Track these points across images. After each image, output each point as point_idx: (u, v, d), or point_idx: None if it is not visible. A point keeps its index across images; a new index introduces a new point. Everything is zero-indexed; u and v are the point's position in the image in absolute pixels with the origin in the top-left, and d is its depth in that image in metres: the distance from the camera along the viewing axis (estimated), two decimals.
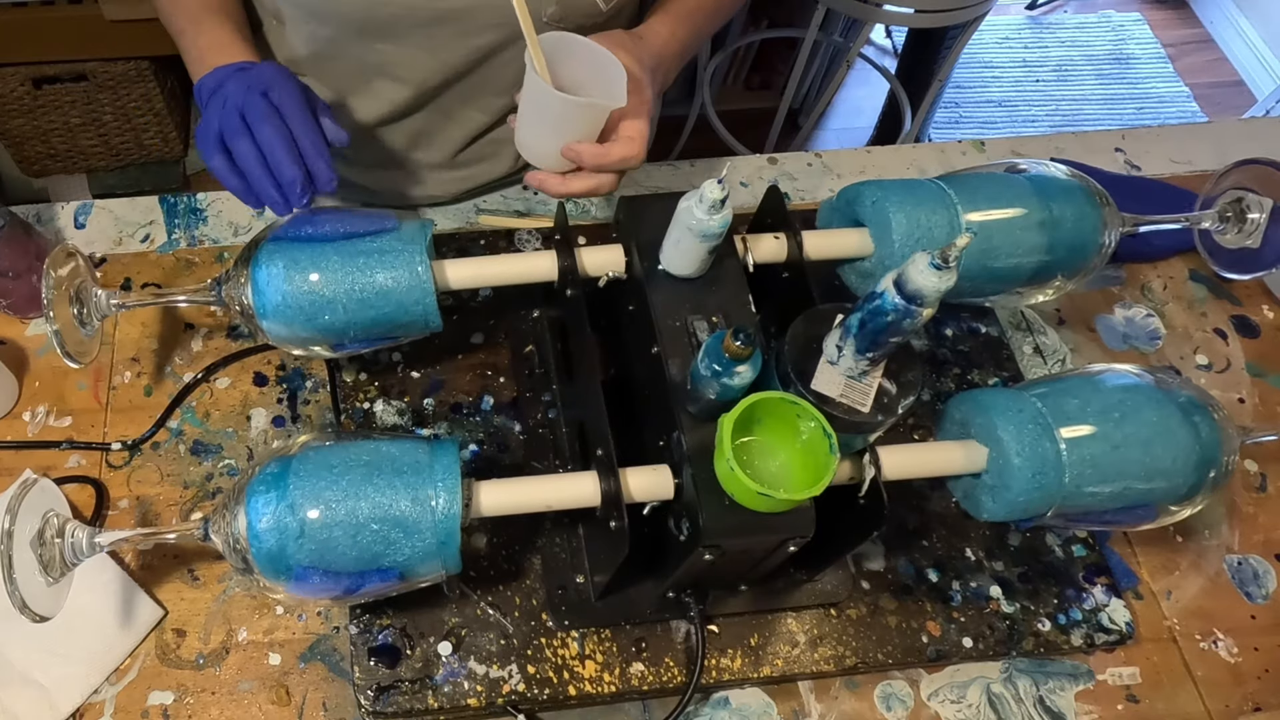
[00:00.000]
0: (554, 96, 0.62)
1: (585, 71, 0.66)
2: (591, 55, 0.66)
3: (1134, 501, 0.62)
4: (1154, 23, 2.70)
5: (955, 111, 2.45)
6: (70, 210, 0.86)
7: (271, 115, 0.62)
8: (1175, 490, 0.62)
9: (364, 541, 0.54)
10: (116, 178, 1.81)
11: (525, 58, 0.63)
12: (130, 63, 1.59)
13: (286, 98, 0.63)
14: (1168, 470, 0.61)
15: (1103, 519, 0.65)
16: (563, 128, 0.65)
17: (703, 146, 1.96)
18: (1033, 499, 0.60)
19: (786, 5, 2.06)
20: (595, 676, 0.64)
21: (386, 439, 0.58)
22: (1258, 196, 0.77)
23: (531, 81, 0.64)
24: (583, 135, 0.66)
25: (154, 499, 0.72)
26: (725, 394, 0.53)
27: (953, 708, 0.68)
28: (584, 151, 0.65)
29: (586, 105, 0.64)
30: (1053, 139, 0.99)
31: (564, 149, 0.66)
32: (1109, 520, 0.65)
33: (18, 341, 0.78)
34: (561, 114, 0.64)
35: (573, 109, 0.64)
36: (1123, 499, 0.62)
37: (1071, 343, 0.85)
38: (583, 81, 0.66)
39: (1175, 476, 0.61)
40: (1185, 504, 0.63)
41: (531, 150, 0.68)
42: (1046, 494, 0.60)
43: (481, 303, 0.80)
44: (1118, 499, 0.61)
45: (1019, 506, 0.61)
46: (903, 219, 0.65)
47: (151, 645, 0.66)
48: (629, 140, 0.66)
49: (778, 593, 0.67)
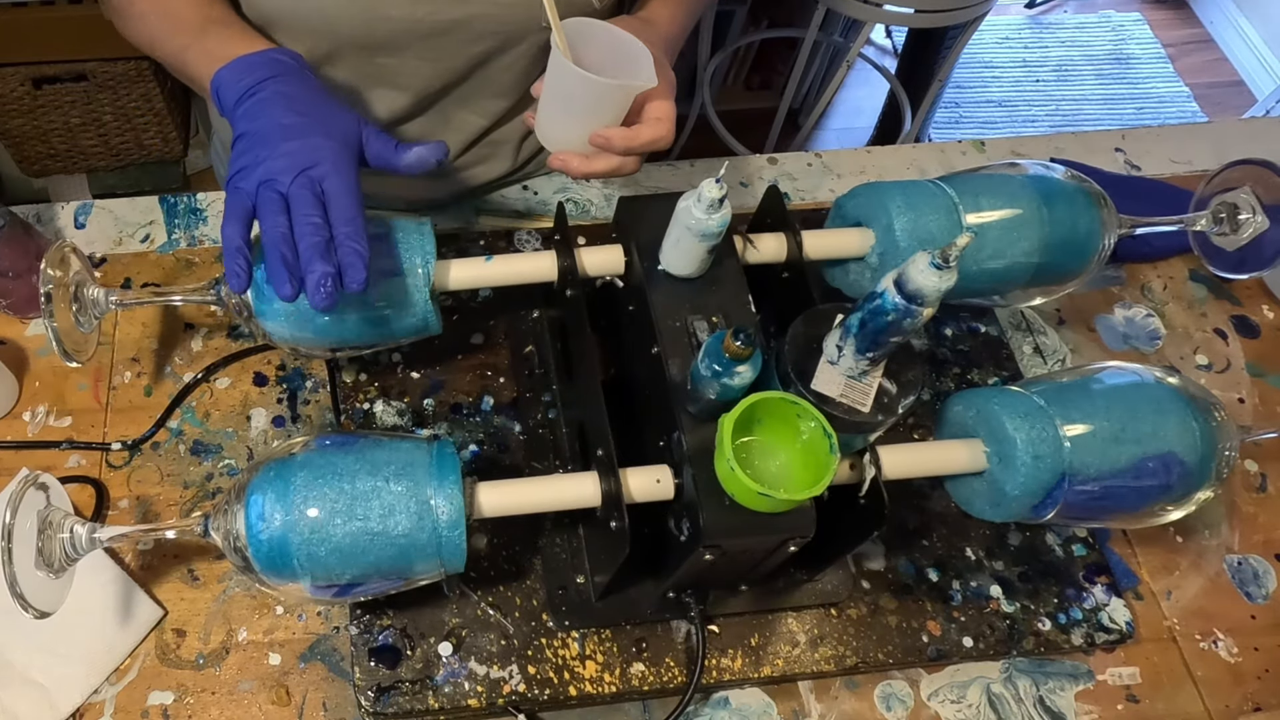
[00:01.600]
0: (586, 80, 0.60)
1: (606, 56, 0.65)
2: (612, 39, 0.64)
3: (1133, 499, 0.62)
4: (1154, 23, 2.70)
5: (955, 111, 2.45)
6: (70, 210, 0.86)
7: (316, 207, 0.55)
8: (1173, 488, 0.62)
9: (363, 541, 0.54)
10: (116, 178, 1.81)
11: (551, 42, 0.61)
12: (130, 63, 1.59)
13: (338, 181, 0.56)
14: (1166, 468, 0.61)
15: (1102, 517, 0.65)
16: (591, 112, 0.63)
17: (703, 146, 1.96)
18: (1035, 497, 0.60)
19: (786, 5, 2.06)
20: (596, 677, 0.64)
21: (387, 438, 0.58)
22: (1250, 197, 0.77)
23: (558, 67, 0.62)
24: (611, 119, 0.64)
25: (154, 499, 0.72)
26: (725, 394, 0.53)
27: (953, 708, 0.68)
28: (613, 135, 0.63)
29: (618, 87, 0.62)
30: (1053, 139, 0.99)
31: (592, 135, 0.64)
32: (1108, 519, 0.65)
33: (18, 341, 0.78)
34: (592, 98, 0.62)
35: (604, 91, 0.62)
36: (1122, 496, 0.62)
37: (1071, 343, 0.85)
38: (604, 66, 0.64)
39: (1174, 473, 0.61)
40: (1184, 502, 0.63)
41: (556, 139, 0.66)
42: (1048, 492, 0.60)
43: (481, 303, 0.80)
44: (1118, 496, 0.61)
45: (1021, 505, 0.61)
46: (905, 220, 0.65)
47: (151, 645, 0.66)
48: (657, 121, 0.64)
49: (778, 593, 0.67)
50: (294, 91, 0.61)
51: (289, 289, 0.53)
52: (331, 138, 0.58)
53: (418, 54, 0.76)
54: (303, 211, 0.54)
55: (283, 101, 0.59)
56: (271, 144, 0.57)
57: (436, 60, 0.77)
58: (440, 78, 0.79)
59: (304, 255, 0.54)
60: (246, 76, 0.61)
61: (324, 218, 0.55)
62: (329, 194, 0.56)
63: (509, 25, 0.74)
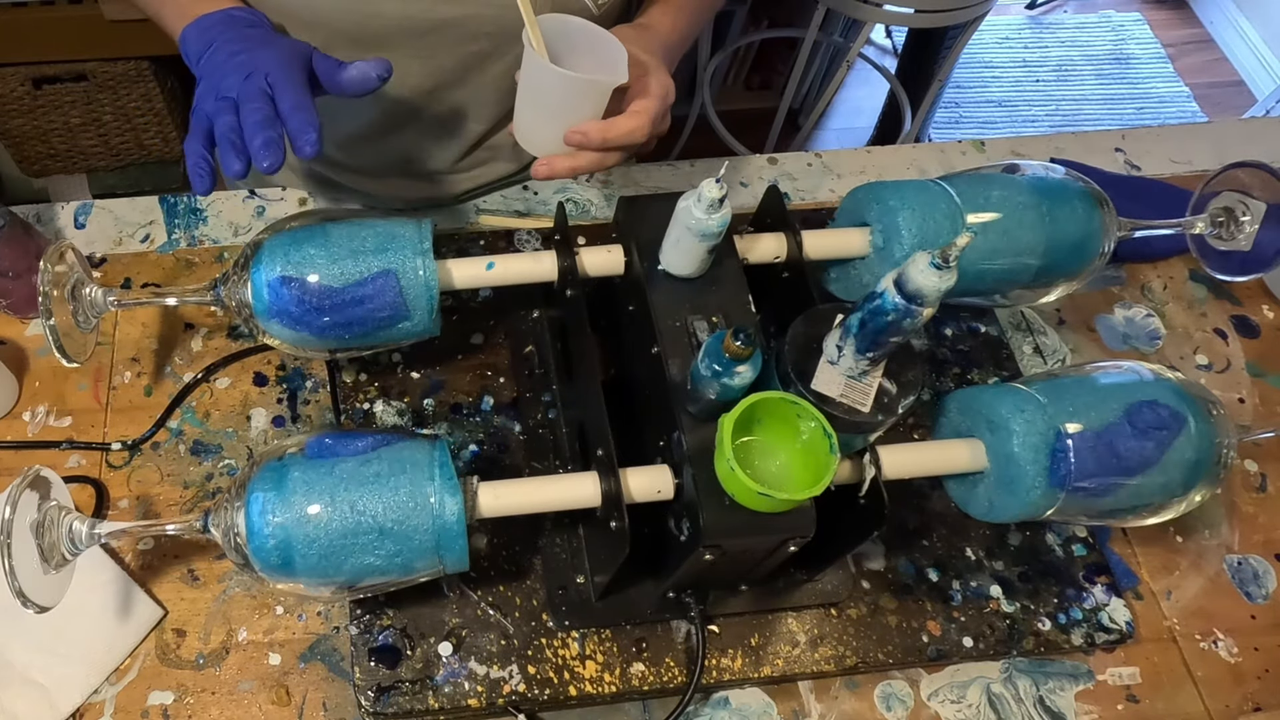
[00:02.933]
0: (555, 75, 0.61)
1: (586, 56, 0.65)
2: (590, 37, 0.64)
3: (1132, 497, 0.62)
4: (1154, 23, 2.70)
5: (955, 111, 2.45)
6: (70, 210, 0.86)
7: (262, 99, 0.59)
8: (1172, 486, 0.62)
9: (364, 538, 0.54)
10: (116, 178, 1.81)
11: (524, 38, 0.61)
12: (130, 63, 1.59)
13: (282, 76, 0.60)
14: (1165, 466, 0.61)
15: (1100, 515, 0.65)
16: (566, 110, 0.63)
17: (703, 146, 1.96)
18: (1035, 496, 0.60)
19: (786, 5, 2.06)
20: (596, 677, 0.65)
21: (388, 436, 0.58)
22: (1248, 200, 0.77)
23: (531, 62, 0.62)
24: (585, 116, 0.64)
25: (154, 499, 0.72)
26: (725, 394, 0.53)
27: (953, 708, 0.68)
28: (589, 129, 0.63)
29: (588, 82, 0.62)
30: (1053, 139, 0.99)
31: (568, 132, 0.64)
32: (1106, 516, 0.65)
33: (18, 341, 0.78)
34: (563, 94, 0.62)
35: (576, 87, 0.62)
36: (1121, 494, 0.62)
37: (1071, 343, 0.85)
38: (584, 66, 0.65)
39: (1172, 472, 0.61)
40: (1182, 500, 0.63)
41: (531, 136, 0.66)
42: (1049, 491, 0.60)
43: (481, 303, 0.80)
44: (1116, 494, 0.61)
45: (1022, 504, 0.61)
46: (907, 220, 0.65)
47: (151, 645, 0.66)
48: (634, 114, 0.64)
49: (778, 593, 0.67)
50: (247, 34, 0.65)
51: (238, 164, 0.57)
52: (277, 49, 0.62)
53: (411, 51, 0.76)
54: (250, 105, 0.58)
55: (236, 43, 0.63)
56: (224, 69, 0.61)
57: (429, 58, 0.77)
58: (432, 76, 0.79)
59: (247, 131, 0.57)
60: (209, 32, 0.65)
61: (272, 106, 0.58)
62: (275, 86, 0.59)
63: (503, 26, 0.74)
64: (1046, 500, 0.61)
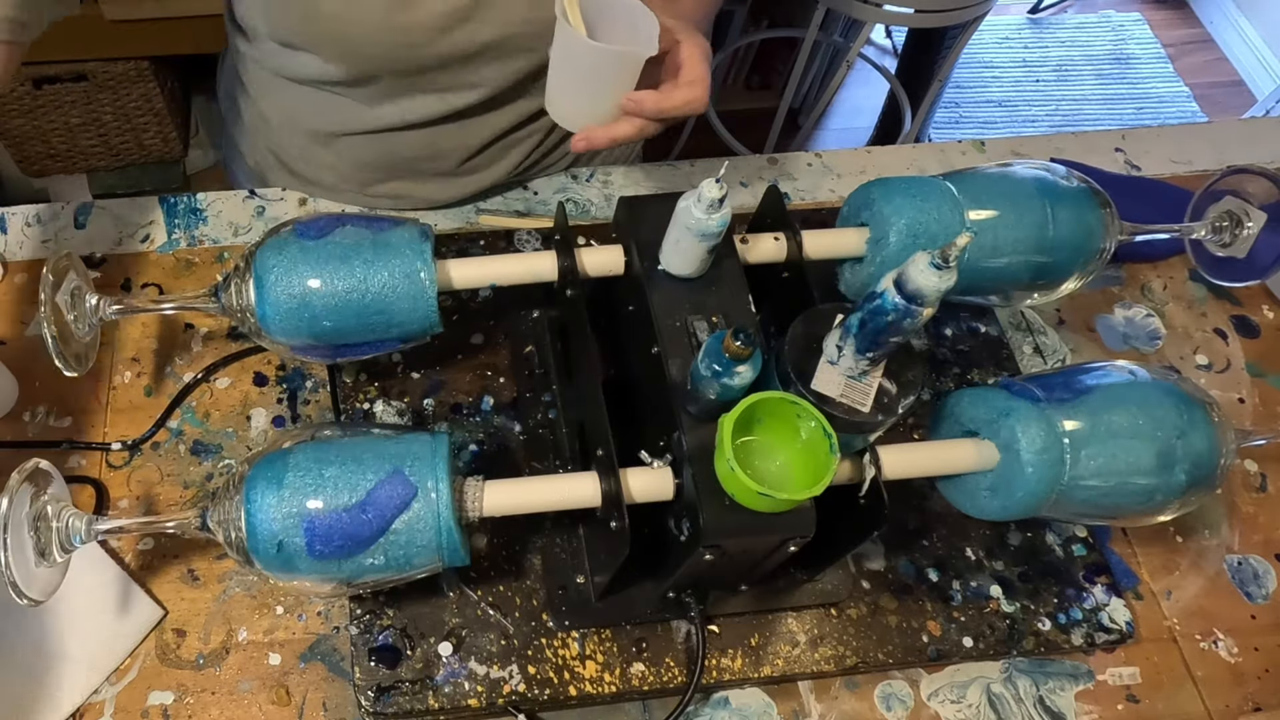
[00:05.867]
0: (586, 46, 0.61)
1: (617, 26, 0.65)
2: (622, 8, 0.64)
3: (1130, 496, 0.62)
4: (1154, 23, 2.70)
5: (955, 111, 2.45)
6: (70, 210, 0.86)
7: None
8: (1170, 485, 0.62)
9: (364, 531, 0.54)
10: (116, 178, 1.81)
11: (556, 9, 0.62)
12: (130, 63, 1.59)
13: None
14: (1165, 465, 0.61)
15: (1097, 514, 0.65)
16: (597, 81, 0.64)
17: (702, 146, 1.96)
18: (1035, 495, 0.60)
19: (786, 5, 2.06)
20: (596, 677, 0.65)
21: (387, 433, 0.58)
22: (1247, 206, 0.77)
23: (563, 34, 0.63)
24: (622, 87, 0.65)
25: (154, 499, 0.72)
26: (725, 394, 0.53)
27: (953, 708, 0.68)
28: (645, 99, 0.63)
29: (619, 54, 0.62)
30: (1053, 139, 0.99)
31: (625, 99, 0.64)
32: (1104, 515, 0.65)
33: (18, 342, 0.78)
34: (595, 65, 0.63)
35: (605, 59, 0.62)
36: (1119, 493, 0.62)
37: (1071, 343, 0.85)
38: (617, 37, 0.65)
39: (1171, 472, 0.61)
40: (1180, 501, 0.63)
41: (564, 109, 0.67)
42: (1049, 489, 0.60)
43: (481, 303, 0.80)
44: (1114, 493, 0.61)
45: (1022, 504, 0.61)
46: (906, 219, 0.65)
47: (151, 645, 0.66)
48: (690, 85, 0.65)
49: (778, 593, 0.67)
50: None
51: None
52: None
53: (454, 75, 0.76)
54: None
55: None
56: None
57: (475, 84, 0.77)
58: (478, 94, 0.79)
59: None
60: None
61: None
62: None
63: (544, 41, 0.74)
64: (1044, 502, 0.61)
